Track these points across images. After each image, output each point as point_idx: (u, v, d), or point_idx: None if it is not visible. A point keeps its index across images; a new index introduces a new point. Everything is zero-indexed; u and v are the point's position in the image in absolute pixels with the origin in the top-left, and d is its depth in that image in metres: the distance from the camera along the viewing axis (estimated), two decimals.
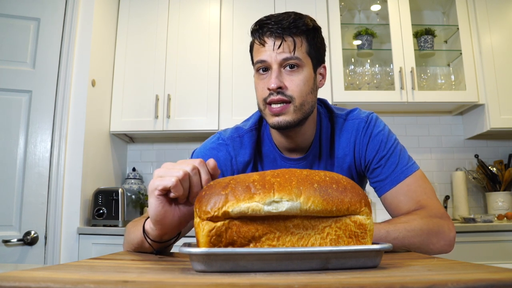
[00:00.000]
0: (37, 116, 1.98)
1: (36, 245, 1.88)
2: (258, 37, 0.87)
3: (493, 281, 0.36)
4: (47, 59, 2.03)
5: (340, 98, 2.30)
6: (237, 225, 0.49)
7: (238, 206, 0.48)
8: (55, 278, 0.39)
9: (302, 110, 0.87)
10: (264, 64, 0.87)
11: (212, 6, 2.44)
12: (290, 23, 0.85)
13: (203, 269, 0.47)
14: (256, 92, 0.92)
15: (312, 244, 0.51)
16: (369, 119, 0.95)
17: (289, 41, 0.85)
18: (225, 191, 0.49)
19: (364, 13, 2.71)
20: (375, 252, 0.49)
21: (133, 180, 2.46)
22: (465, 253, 1.86)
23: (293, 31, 0.85)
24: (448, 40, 2.62)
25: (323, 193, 0.50)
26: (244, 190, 0.49)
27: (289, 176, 0.51)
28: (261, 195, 0.48)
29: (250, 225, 0.50)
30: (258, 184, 0.49)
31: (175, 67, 2.37)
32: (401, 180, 0.88)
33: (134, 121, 2.34)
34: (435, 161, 2.60)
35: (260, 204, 0.48)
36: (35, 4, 2.05)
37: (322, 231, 0.52)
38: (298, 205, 0.49)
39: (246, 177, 0.51)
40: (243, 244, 0.50)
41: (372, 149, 0.92)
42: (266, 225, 0.50)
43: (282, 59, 0.85)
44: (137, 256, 0.67)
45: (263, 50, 0.87)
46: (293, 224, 0.51)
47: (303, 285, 0.37)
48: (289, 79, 0.86)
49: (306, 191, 0.49)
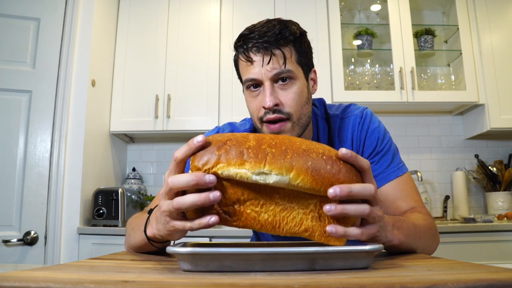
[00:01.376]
0: (37, 116, 1.98)
1: (36, 245, 1.88)
2: (244, 54, 0.82)
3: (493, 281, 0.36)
4: (47, 59, 2.03)
5: (340, 98, 2.30)
6: (224, 186, 0.50)
7: (228, 169, 0.49)
8: (55, 278, 0.39)
9: (299, 124, 0.84)
10: (254, 81, 0.83)
11: (212, 6, 2.44)
12: (276, 34, 0.79)
13: (189, 269, 0.47)
14: (249, 109, 0.87)
15: (293, 217, 0.52)
16: (363, 114, 0.94)
17: (278, 55, 0.80)
18: (219, 152, 0.50)
19: (364, 13, 2.71)
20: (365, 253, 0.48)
21: (133, 180, 2.46)
22: (465, 253, 1.86)
23: (280, 43, 0.80)
24: (448, 40, 2.62)
25: (314, 173, 0.49)
26: (236, 155, 0.49)
27: (285, 148, 0.50)
28: (252, 164, 0.48)
29: (237, 188, 0.51)
30: (251, 152, 0.49)
31: (175, 67, 2.37)
32: (394, 178, 0.88)
33: (134, 121, 2.34)
34: (435, 161, 2.60)
35: (249, 172, 0.48)
36: (35, 4, 2.05)
37: (306, 207, 0.52)
38: (287, 180, 0.48)
39: (243, 140, 0.51)
40: (228, 204, 0.51)
41: (370, 145, 0.92)
42: (252, 191, 0.51)
43: (273, 75, 0.80)
44: (137, 256, 0.67)
45: (251, 68, 0.82)
46: (279, 195, 0.51)
47: (303, 285, 0.37)
48: (284, 94, 0.82)
49: (298, 168, 0.49)
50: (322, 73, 2.33)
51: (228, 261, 0.46)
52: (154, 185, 2.59)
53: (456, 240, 1.87)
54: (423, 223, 0.78)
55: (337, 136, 0.95)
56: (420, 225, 0.76)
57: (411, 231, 0.71)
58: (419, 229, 0.74)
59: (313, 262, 0.47)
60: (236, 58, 0.89)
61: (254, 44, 0.80)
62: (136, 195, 2.29)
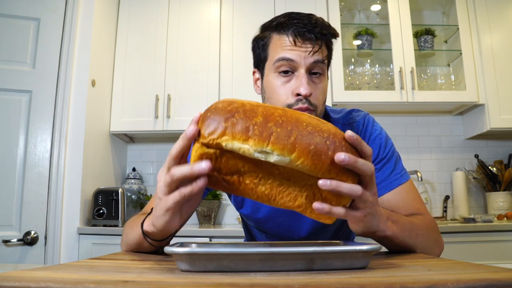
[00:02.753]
0: (37, 116, 1.98)
1: (36, 245, 1.88)
2: (293, 35, 0.81)
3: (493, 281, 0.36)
4: (47, 59, 2.03)
5: (340, 98, 2.30)
6: (227, 157, 0.52)
7: (232, 143, 0.49)
8: (55, 278, 0.39)
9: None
10: (290, 63, 0.81)
11: (212, 6, 2.44)
12: (327, 28, 0.82)
13: (187, 269, 0.47)
14: (275, 94, 0.83)
15: (288, 193, 0.54)
16: (365, 121, 0.93)
17: (323, 47, 0.83)
18: (226, 123, 0.50)
19: (364, 13, 2.71)
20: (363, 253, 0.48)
21: (133, 180, 2.46)
22: (465, 253, 1.86)
23: (327, 37, 0.83)
24: (448, 40, 2.62)
25: (315, 157, 0.49)
26: (242, 130, 0.50)
27: (291, 129, 0.50)
28: (255, 141, 0.49)
29: (239, 160, 0.52)
30: (257, 129, 0.50)
31: (175, 67, 2.37)
32: (396, 187, 0.87)
33: (134, 121, 2.34)
34: (435, 161, 2.60)
35: (252, 149, 0.49)
36: (35, 4, 2.05)
37: (302, 186, 0.53)
38: (287, 161, 0.49)
39: (251, 114, 0.51)
40: (227, 173, 0.53)
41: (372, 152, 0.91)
42: (253, 164, 0.52)
43: (312, 63, 0.81)
44: (137, 256, 0.67)
45: (292, 49, 0.81)
46: (278, 171, 0.53)
47: (303, 285, 0.37)
48: (315, 87, 0.82)
49: (300, 151, 0.49)
50: None
51: (226, 261, 0.46)
52: (154, 185, 2.59)
53: (456, 240, 1.87)
54: (423, 223, 0.77)
55: None
56: (418, 223, 0.75)
57: (407, 227, 0.71)
58: (416, 227, 0.74)
59: (311, 262, 0.47)
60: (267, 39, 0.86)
61: (305, 30, 0.80)
62: (136, 195, 2.29)
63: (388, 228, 0.65)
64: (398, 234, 0.67)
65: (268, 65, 0.86)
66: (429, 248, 0.77)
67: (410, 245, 0.71)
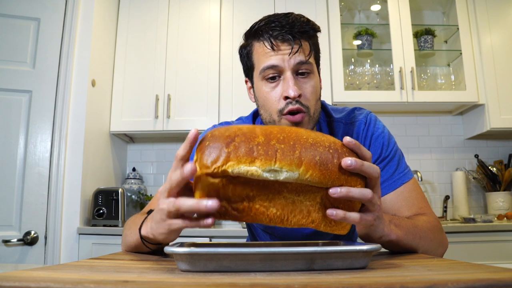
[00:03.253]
0: (37, 116, 1.98)
1: (36, 245, 1.88)
2: (269, 41, 0.79)
3: (493, 281, 0.36)
4: (47, 59, 2.03)
5: (340, 98, 2.30)
6: (234, 184, 0.50)
7: (238, 167, 0.48)
8: (55, 278, 0.39)
9: (314, 119, 0.83)
10: (276, 70, 0.80)
11: (212, 6, 2.44)
12: (304, 26, 0.80)
13: (187, 269, 0.47)
14: (266, 102, 0.83)
15: (300, 210, 0.52)
16: (368, 120, 0.92)
17: (304, 46, 0.80)
18: (228, 149, 0.48)
19: (364, 13, 2.71)
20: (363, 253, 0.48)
21: (133, 180, 2.46)
22: (465, 253, 1.86)
23: (306, 35, 0.80)
24: (448, 40, 2.62)
25: (322, 167, 0.49)
26: (246, 152, 0.48)
27: (293, 143, 0.50)
28: (263, 161, 0.48)
29: (246, 185, 0.51)
30: (261, 149, 0.49)
31: (175, 67, 2.37)
32: (399, 186, 0.86)
33: (134, 121, 2.34)
34: (435, 161, 2.60)
35: (260, 170, 0.48)
36: (35, 4, 2.05)
37: (313, 199, 0.53)
38: (296, 176, 0.49)
39: (251, 135, 0.50)
40: (237, 201, 0.51)
41: (375, 152, 0.90)
42: (261, 186, 0.51)
43: (296, 64, 0.79)
44: (137, 256, 0.67)
45: (273, 55, 0.79)
46: (287, 189, 0.52)
47: (303, 285, 0.37)
48: (304, 87, 0.81)
49: (307, 163, 0.49)
50: (322, 73, 2.31)
51: (226, 261, 0.46)
52: (154, 185, 2.59)
53: (456, 240, 1.87)
54: (426, 225, 0.77)
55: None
56: (421, 226, 0.75)
57: (410, 230, 0.70)
58: (420, 229, 0.73)
59: (311, 262, 0.47)
60: (249, 48, 0.85)
61: (282, 32, 0.79)
62: (136, 195, 2.29)
63: (392, 232, 0.65)
64: (402, 237, 0.67)
65: (256, 74, 0.85)
66: (433, 249, 0.77)
67: (413, 248, 0.71)
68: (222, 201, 0.51)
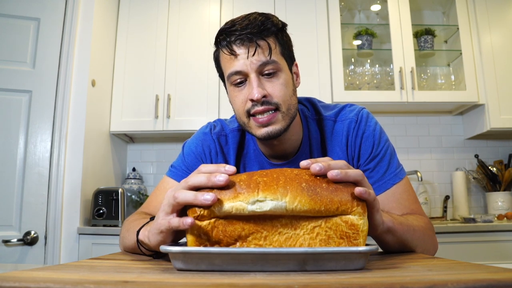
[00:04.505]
0: (37, 116, 1.97)
1: (36, 245, 1.88)
2: (227, 48, 0.79)
3: (493, 281, 0.36)
4: (47, 59, 2.03)
5: (340, 98, 2.30)
6: (223, 224, 0.50)
7: (223, 205, 0.49)
8: (55, 278, 0.39)
9: (289, 115, 0.82)
10: (240, 75, 0.80)
11: (212, 6, 2.44)
12: (259, 26, 0.78)
13: (181, 267, 0.48)
14: (234, 105, 0.85)
15: (300, 244, 0.50)
16: (359, 118, 0.89)
17: (263, 46, 0.79)
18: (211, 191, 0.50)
19: (364, 13, 2.71)
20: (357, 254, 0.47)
21: (133, 180, 2.46)
22: (465, 253, 1.86)
23: (264, 34, 0.79)
24: (448, 40, 2.62)
25: (311, 192, 0.48)
26: (230, 190, 0.49)
27: (277, 176, 0.50)
28: (245, 195, 0.48)
29: (236, 224, 0.50)
30: (243, 184, 0.49)
31: (175, 67, 2.37)
32: (390, 187, 0.84)
33: (134, 121, 2.34)
34: (435, 161, 2.60)
35: (244, 203, 0.48)
36: (35, 4, 2.05)
37: (311, 231, 0.50)
38: (284, 205, 0.48)
39: (234, 177, 0.51)
40: (229, 243, 0.50)
41: (365, 151, 0.88)
42: (252, 224, 0.50)
43: (259, 65, 0.78)
44: (137, 256, 0.67)
45: (235, 61, 0.79)
46: (281, 224, 0.50)
47: (303, 285, 0.37)
48: (271, 86, 0.80)
49: (293, 190, 0.48)
50: (322, 73, 2.33)
51: (218, 260, 0.47)
52: (154, 185, 2.59)
53: (456, 240, 1.87)
54: (417, 220, 0.77)
55: (330, 140, 0.91)
56: (413, 219, 0.75)
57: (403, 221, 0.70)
58: (411, 222, 0.73)
59: (303, 262, 0.47)
60: (217, 54, 0.86)
61: (237, 36, 0.78)
62: (136, 195, 2.29)
63: (388, 220, 0.64)
64: (397, 227, 0.67)
65: (226, 81, 0.85)
66: (428, 245, 0.77)
67: (409, 240, 0.71)
68: (214, 245, 0.50)
